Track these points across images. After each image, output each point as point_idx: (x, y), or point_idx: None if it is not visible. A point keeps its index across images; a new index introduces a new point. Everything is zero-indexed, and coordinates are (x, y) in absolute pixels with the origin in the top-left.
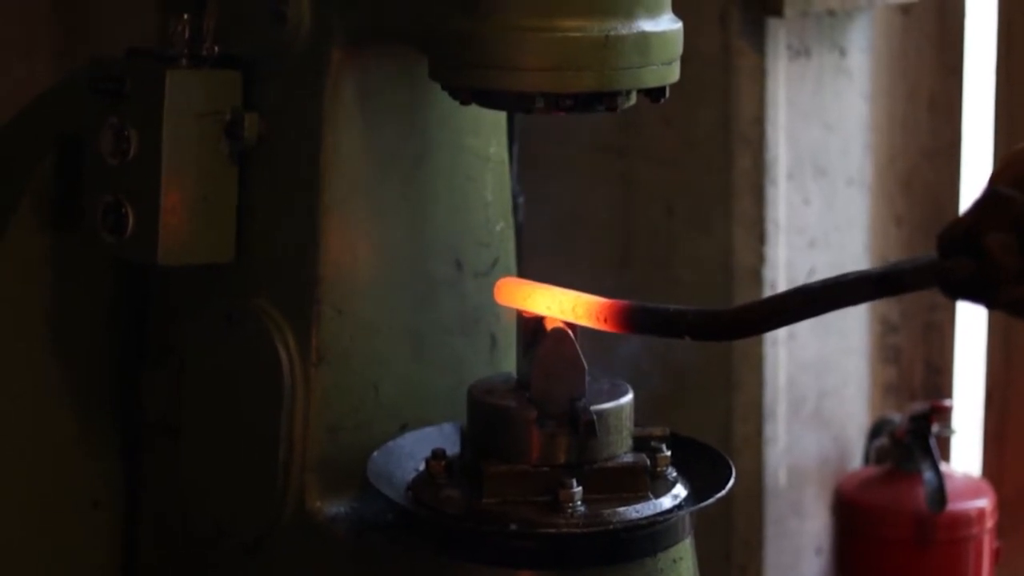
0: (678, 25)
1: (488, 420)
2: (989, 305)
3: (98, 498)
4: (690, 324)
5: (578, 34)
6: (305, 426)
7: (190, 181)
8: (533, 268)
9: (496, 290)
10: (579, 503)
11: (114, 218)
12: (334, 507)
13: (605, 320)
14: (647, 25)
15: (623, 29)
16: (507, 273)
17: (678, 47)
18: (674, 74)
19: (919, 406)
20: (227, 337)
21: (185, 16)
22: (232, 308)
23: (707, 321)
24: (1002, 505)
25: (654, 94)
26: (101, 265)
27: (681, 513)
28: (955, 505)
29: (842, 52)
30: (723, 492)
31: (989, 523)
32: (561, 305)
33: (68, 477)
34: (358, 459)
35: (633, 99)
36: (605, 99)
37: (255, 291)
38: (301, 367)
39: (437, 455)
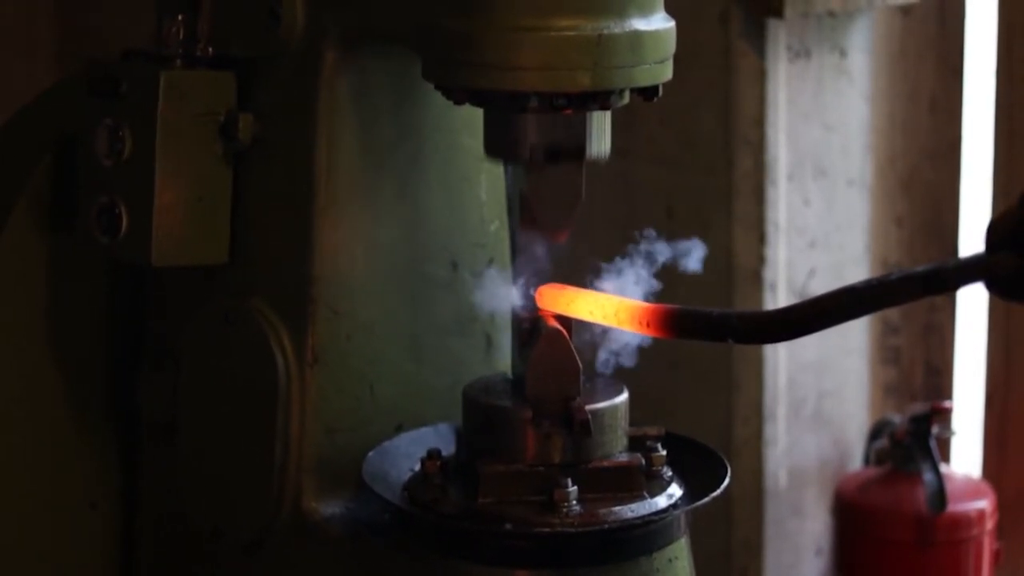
0: (671, 24)
1: (483, 420)
2: None
3: (95, 499)
4: (735, 327)
5: (571, 33)
6: (301, 426)
7: (184, 182)
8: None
9: (537, 296)
10: (574, 502)
11: (108, 219)
12: (330, 507)
13: (648, 325)
14: (640, 24)
15: (616, 28)
16: (502, 272)
17: (671, 46)
18: (667, 73)
19: (919, 407)
20: (223, 338)
21: (179, 17)
22: (228, 309)
23: (752, 324)
24: (1002, 506)
25: (647, 93)
26: (98, 266)
27: (676, 512)
28: (955, 506)
29: (842, 53)
30: (718, 491)
31: (989, 524)
32: (604, 310)
33: (65, 478)
34: (354, 459)
35: (626, 98)
36: (598, 98)
37: (251, 292)
38: (297, 367)
39: (433, 455)
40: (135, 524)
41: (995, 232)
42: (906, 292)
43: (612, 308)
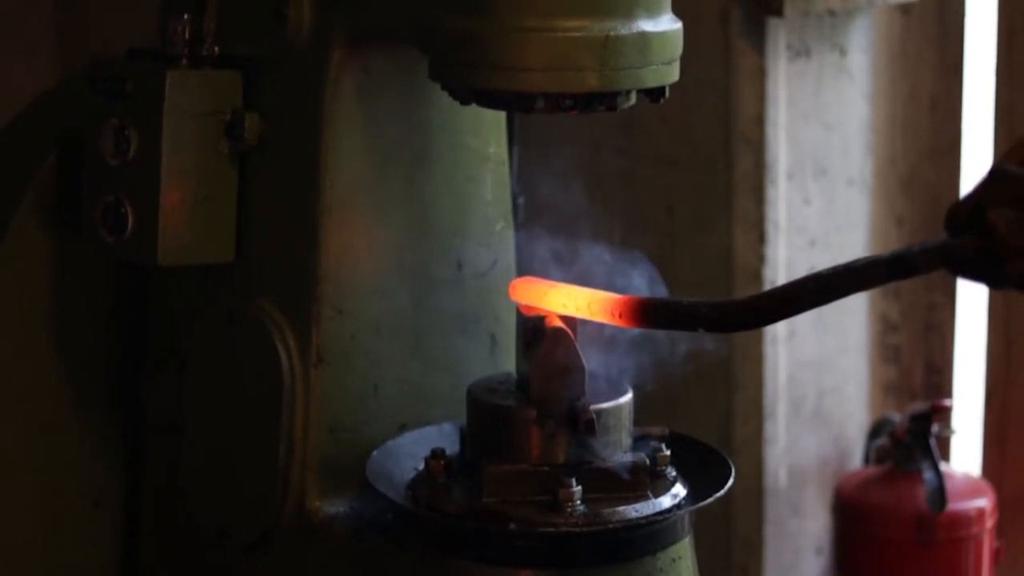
0: (678, 25)
1: (488, 419)
2: (996, 284)
3: (99, 498)
4: (705, 316)
5: (578, 34)
6: (305, 426)
7: (190, 181)
8: (533, 269)
9: (511, 289)
10: (579, 502)
11: (114, 218)
12: (334, 506)
13: (620, 316)
14: (647, 25)
15: (623, 29)
16: (507, 273)
17: (678, 47)
18: (674, 74)
19: (919, 406)
20: (228, 337)
21: (185, 16)
22: (233, 308)
23: (722, 313)
24: (1002, 505)
25: (654, 94)
26: (103, 265)
27: (680, 512)
28: (955, 505)
29: (842, 52)
30: (722, 491)
31: (989, 523)
32: (576, 302)
33: (69, 477)
34: (358, 459)
35: (633, 99)
36: (605, 99)
37: (256, 291)
38: (301, 367)
39: (437, 454)
40: (138, 523)
41: (956, 216)
42: (871, 277)
43: (584, 300)
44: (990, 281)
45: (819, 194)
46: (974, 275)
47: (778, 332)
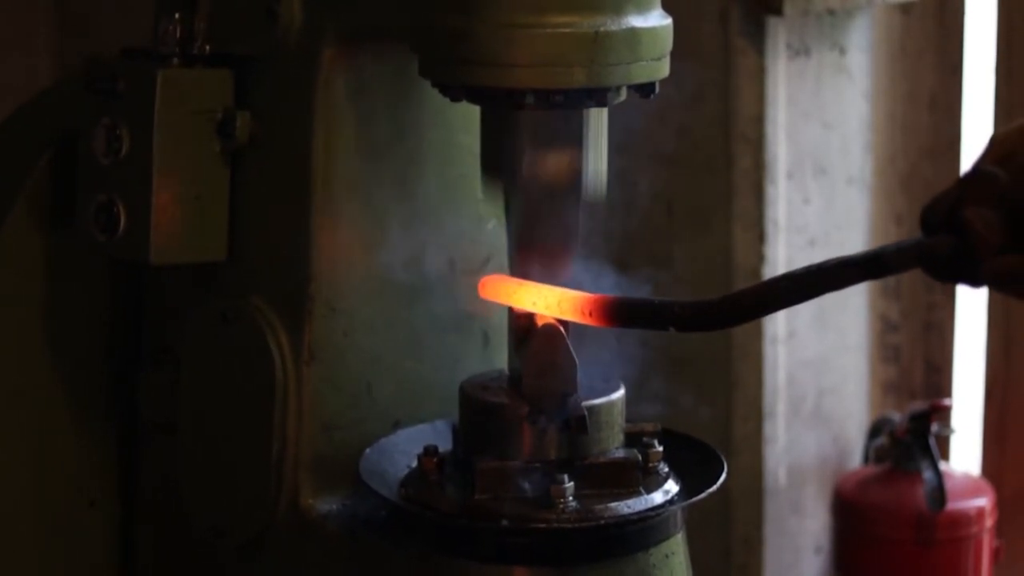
0: (668, 21)
1: (480, 416)
2: (972, 282)
3: (94, 497)
4: (676, 316)
5: (568, 30)
6: (298, 424)
7: (182, 180)
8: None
9: (480, 287)
10: (571, 499)
11: (106, 217)
12: (328, 504)
13: (590, 314)
14: (637, 21)
15: (613, 25)
16: (500, 271)
17: (668, 43)
18: (664, 70)
19: (919, 405)
20: (221, 336)
21: (176, 15)
22: (226, 307)
23: (694, 312)
24: (1001, 504)
25: (644, 90)
26: (97, 265)
27: (672, 508)
28: (955, 504)
29: (842, 51)
30: (714, 487)
31: (989, 522)
32: (546, 300)
33: (64, 476)
34: (351, 456)
35: (623, 95)
36: (595, 95)
37: (248, 290)
38: (294, 365)
39: (429, 452)
40: (134, 522)
41: (930, 215)
42: (845, 277)
43: (555, 298)
44: (965, 280)
45: (819, 193)
46: (949, 274)
47: (778, 331)
